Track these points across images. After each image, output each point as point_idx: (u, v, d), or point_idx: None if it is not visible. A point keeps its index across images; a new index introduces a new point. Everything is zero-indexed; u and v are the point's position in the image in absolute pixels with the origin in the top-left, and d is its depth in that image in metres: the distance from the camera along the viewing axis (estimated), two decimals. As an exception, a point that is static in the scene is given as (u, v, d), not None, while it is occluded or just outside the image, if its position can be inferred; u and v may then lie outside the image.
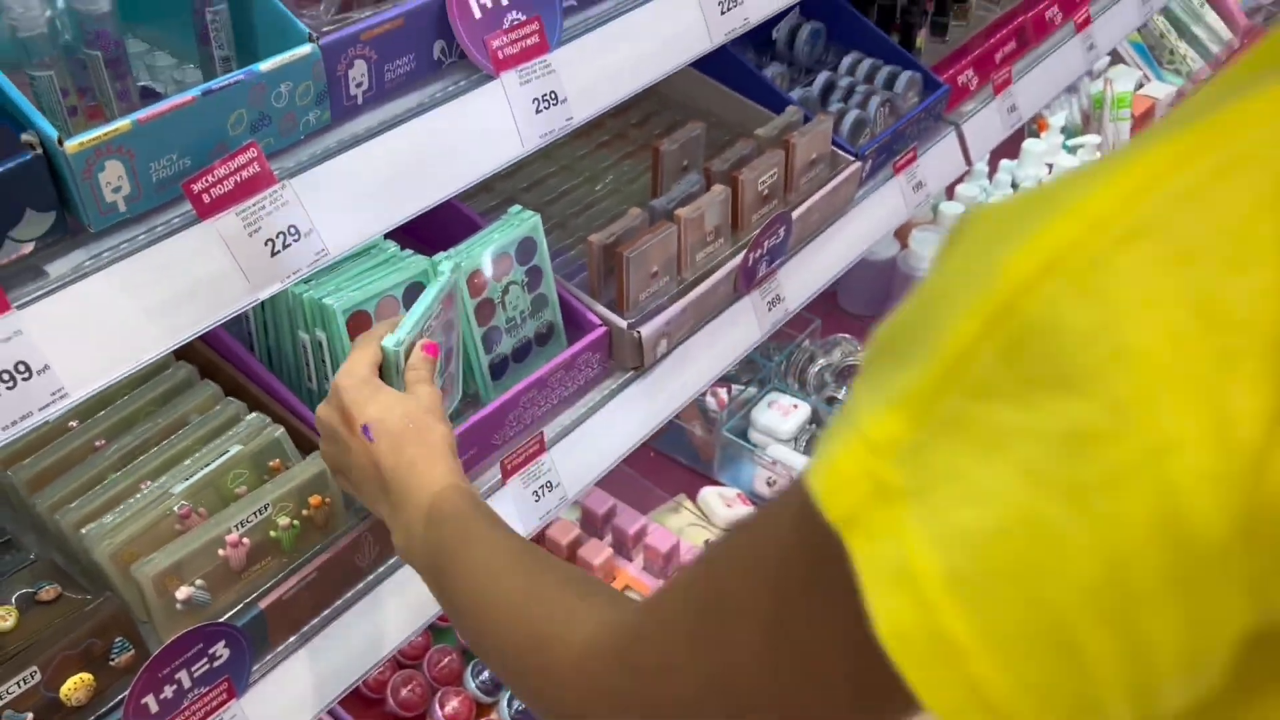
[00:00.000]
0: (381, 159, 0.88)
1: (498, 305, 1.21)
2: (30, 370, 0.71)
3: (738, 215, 1.41)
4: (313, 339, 1.12)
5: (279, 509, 1.02)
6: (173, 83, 0.89)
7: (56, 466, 1.06)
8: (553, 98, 0.97)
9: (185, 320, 0.78)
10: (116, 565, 0.97)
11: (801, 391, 1.79)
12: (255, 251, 0.80)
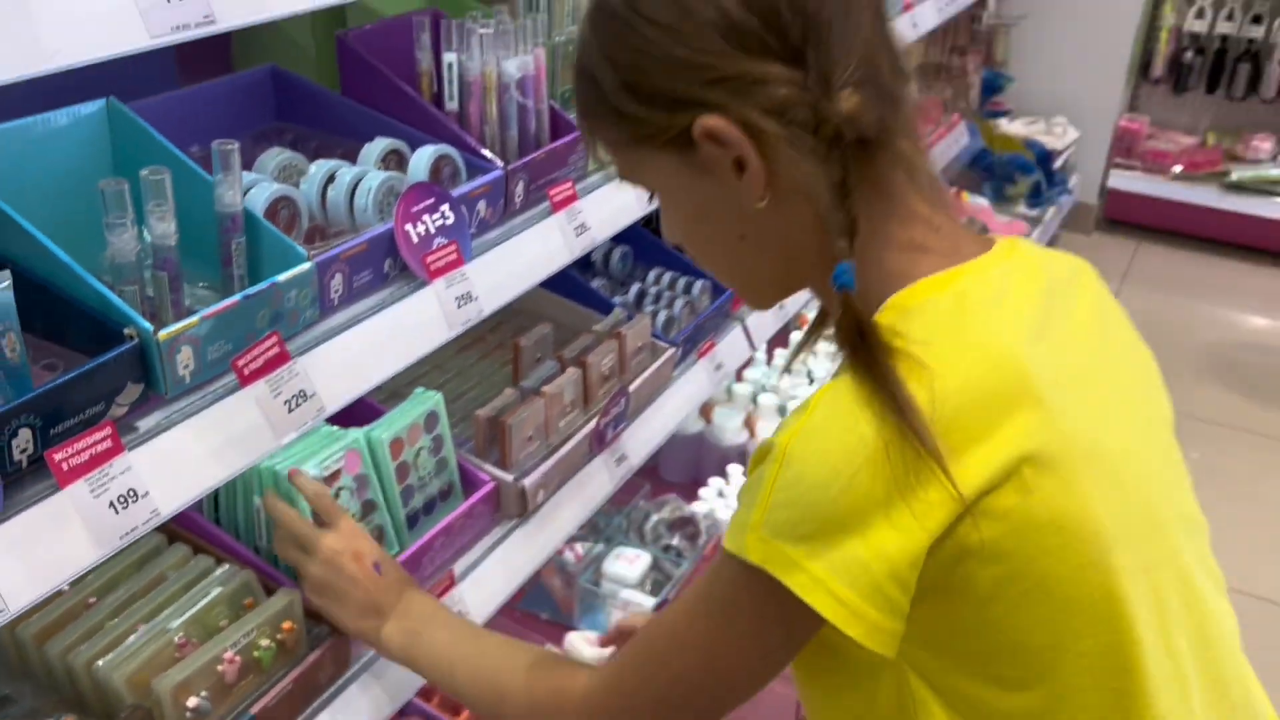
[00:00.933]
0: (355, 343, 1.20)
1: (411, 467, 1.51)
2: (136, 496, 0.97)
3: (587, 391, 1.77)
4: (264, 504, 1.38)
5: (260, 633, 1.26)
6: (191, 296, 1.19)
7: (58, 622, 1.25)
8: (469, 296, 1.33)
9: (234, 459, 1.05)
10: (132, 687, 1.18)
11: (641, 543, 2.13)
12: (278, 408, 1.10)
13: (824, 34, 0.82)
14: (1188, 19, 5.04)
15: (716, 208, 0.90)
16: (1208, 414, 3.77)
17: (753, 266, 0.95)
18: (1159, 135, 5.25)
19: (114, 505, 0.96)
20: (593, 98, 0.90)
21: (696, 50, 0.83)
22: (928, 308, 0.85)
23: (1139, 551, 0.86)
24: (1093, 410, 0.88)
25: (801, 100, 0.82)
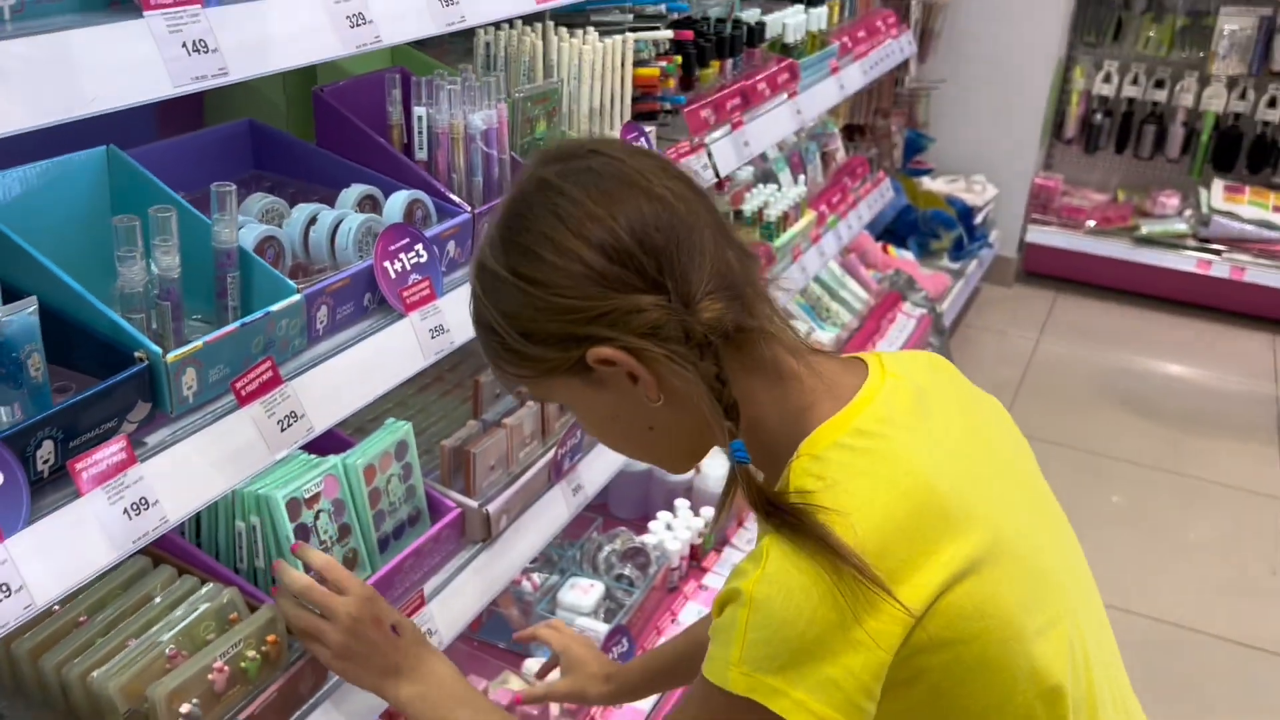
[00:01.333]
0: (339, 369, 1.30)
1: (383, 492, 1.60)
2: (147, 504, 1.06)
3: (545, 424, 1.88)
4: (248, 525, 1.46)
5: (246, 644, 1.33)
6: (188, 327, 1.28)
7: (51, 638, 1.32)
8: (441, 328, 1.43)
9: (234, 472, 1.14)
10: (126, 697, 1.25)
11: (595, 573, 2.22)
12: (272, 427, 1.19)
13: (675, 263, 0.96)
14: (1096, 83, 5.36)
15: (622, 411, 1.04)
16: (1127, 455, 3.97)
17: (665, 448, 1.09)
18: (1073, 192, 5.54)
19: (128, 512, 1.04)
20: (496, 345, 1.03)
21: (574, 297, 0.96)
22: (833, 453, 0.98)
23: (1044, 611, 1.00)
24: (990, 499, 1.02)
25: (669, 319, 0.96)
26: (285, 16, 1.12)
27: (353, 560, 1.54)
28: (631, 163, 1.00)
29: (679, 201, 0.98)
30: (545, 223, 0.97)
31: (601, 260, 0.95)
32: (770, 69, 2.51)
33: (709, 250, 0.98)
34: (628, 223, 0.95)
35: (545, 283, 0.96)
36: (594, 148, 1.02)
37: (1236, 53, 5.05)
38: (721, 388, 0.97)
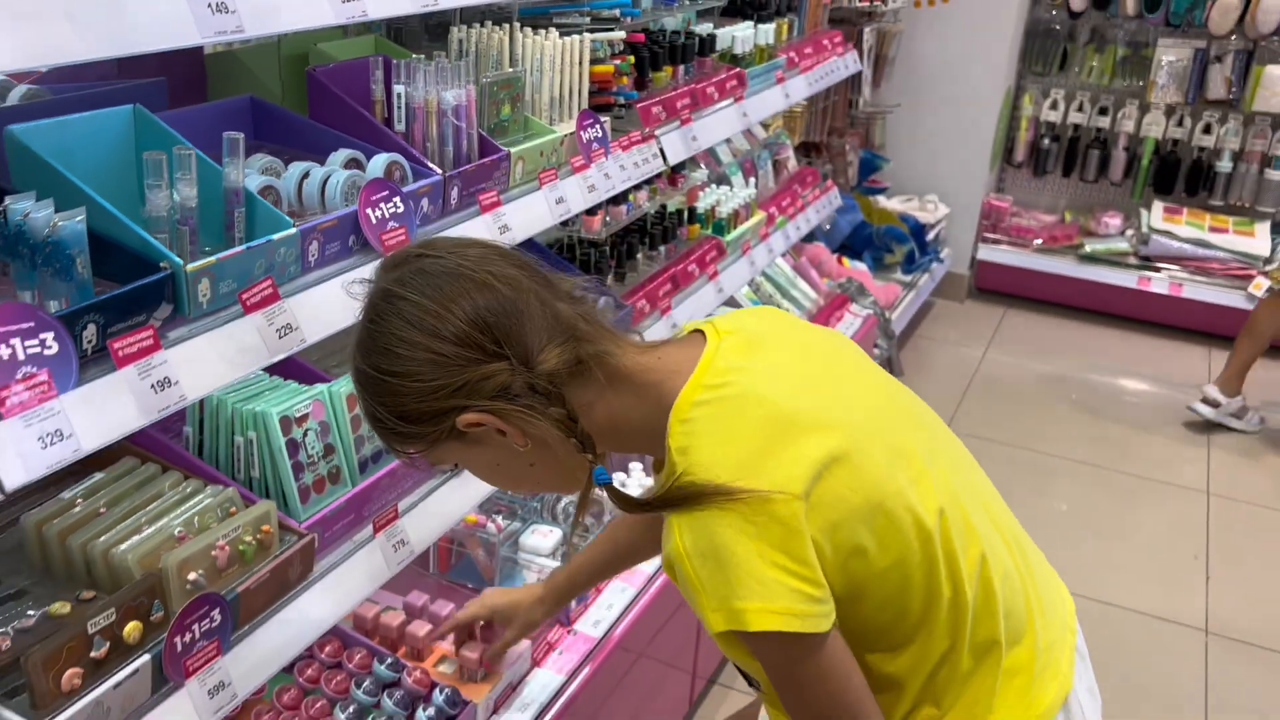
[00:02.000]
0: (327, 294, 1.53)
1: (362, 420, 1.83)
2: (170, 383, 1.29)
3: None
4: (246, 439, 1.69)
5: (245, 530, 1.56)
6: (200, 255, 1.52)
7: (76, 524, 1.54)
8: (415, 269, 1.67)
9: (241, 366, 1.37)
10: (142, 567, 1.47)
11: (554, 521, 2.45)
12: (271, 334, 1.42)
13: (509, 334, 1.15)
14: (1044, 110, 5.67)
15: (502, 459, 1.22)
16: (1068, 455, 4.23)
17: (551, 478, 1.26)
18: (1022, 213, 5.83)
19: (154, 387, 1.27)
20: (385, 430, 1.22)
21: (431, 380, 1.14)
22: (695, 411, 1.18)
23: (907, 470, 1.21)
24: (836, 402, 1.22)
25: (514, 379, 1.15)
26: (290, -10, 1.37)
27: (336, 475, 1.76)
28: (455, 257, 1.18)
29: (502, 282, 1.16)
30: (394, 325, 1.15)
31: (446, 345, 1.13)
32: (719, 75, 2.77)
33: (536, 312, 1.17)
34: (461, 311, 1.14)
35: (405, 373, 1.15)
36: (421, 250, 1.20)
37: (1174, 82, 5.37)
38: (574, 424, 1.17)
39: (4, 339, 1.13)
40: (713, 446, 1.15)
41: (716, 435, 1.16)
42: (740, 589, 1.10)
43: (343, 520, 1.72)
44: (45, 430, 1.15)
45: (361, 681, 1.90)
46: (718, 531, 1.10)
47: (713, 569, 1.11)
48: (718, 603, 1.11)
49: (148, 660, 1.38)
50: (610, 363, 1.21)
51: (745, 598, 1.10)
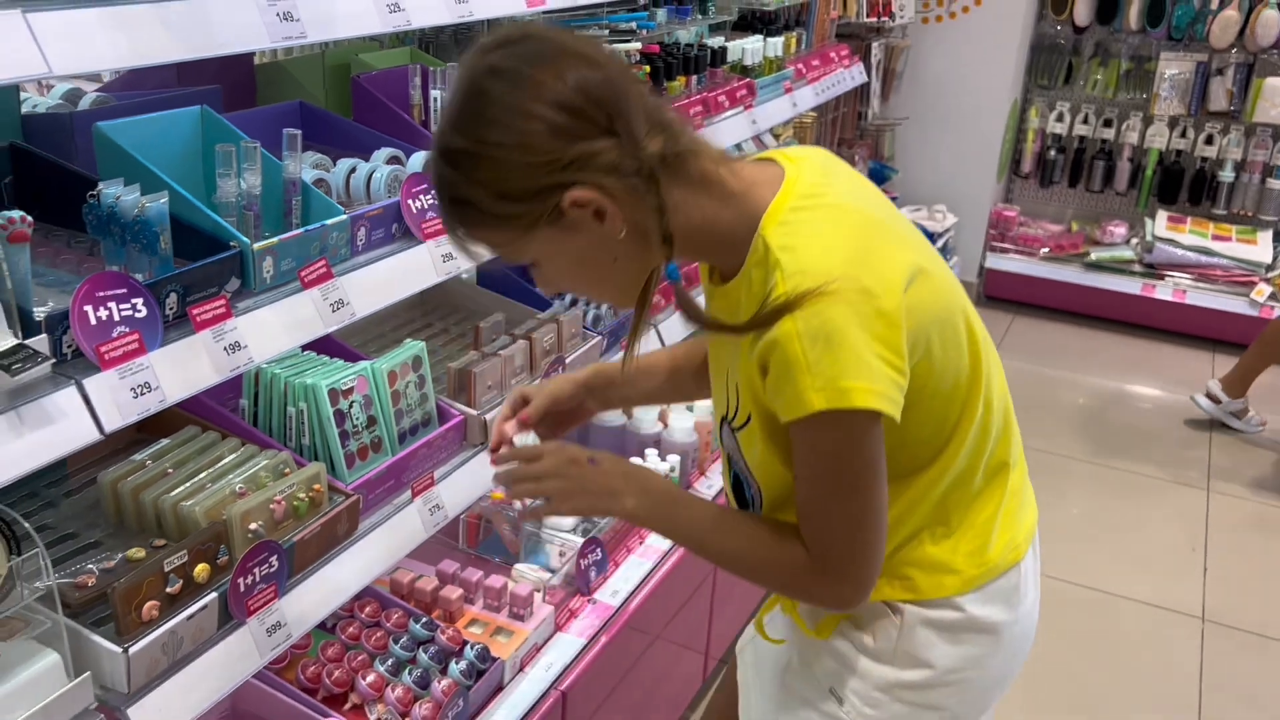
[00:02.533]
0: (375, 274, 1.70)
1: (402, 395, 2.00)
2: (240, 346, 1.46)
3: (533, 359, 2.28)
4: (297, 410, 1.86)
5: (298, 488, 1.73)
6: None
7: (148, 482, 1.71)
8: (450, 255, 1.84)
9: (299, 335, 1.54)
10: (208, 517, 1.64)
11: (574, 501, 2.61)
12: (326, 308, 1.59)
13: (619, 111, 1.14)
14: (1050, 122, 5.82)
15: (590, 250, 1.20)
16: (1075, 454, 4.36)
17: (625, 279, 1.24)
18: (1029, 222, 5.98)
19: (226, 350, 1.44)
20: (472, 216, 1.18)
21: (540, 151, 1.12)
22: (791, 215, 1.20)
23: (959, 303, 1.29)
24: (904, 230, 1.27)
25: (623, 158, 1.14)
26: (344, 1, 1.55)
27: (378, 444, 1.93)
28: (559, 36, 1.17)
29: (608, 60, 1.16)
30: (505, 95, 1.11)
31: (560, 116, 1.11)
32: (730, 85, 2.95)
33: (641, 98, 1.17)
34: (575, 82, 1.12)
35: (516, 144, 1.11)
36: (523, 32, 1.17)
37: (1177, 95, 5.52)
38: (661, 217, 1.17)
39: (103, 302, 1.30)
40: (818, 244, 1.17)
41: (820, 235, 1.18)
42: (849, 369, 1.12)
43: (384, 485, 1.88)
44: (136, 382, 1.32)
45: (399, 638, 2.06)
46: (831, 317, 1.12)
47: (823, 350, 1.12)
48: (824, 382, 1.12)
49: (215, 598, 1.55)
50: (698, 164, 1.20)
51: (854, 377, 1.12)
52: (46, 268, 1.54)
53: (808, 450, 1.21)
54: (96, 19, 1.21)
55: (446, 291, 2.54)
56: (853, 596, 1.28)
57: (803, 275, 1.14)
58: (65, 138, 1.78)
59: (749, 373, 1.23)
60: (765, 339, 1.16)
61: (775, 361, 1.16)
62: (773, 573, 1.32)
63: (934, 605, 1.38)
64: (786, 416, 1.17)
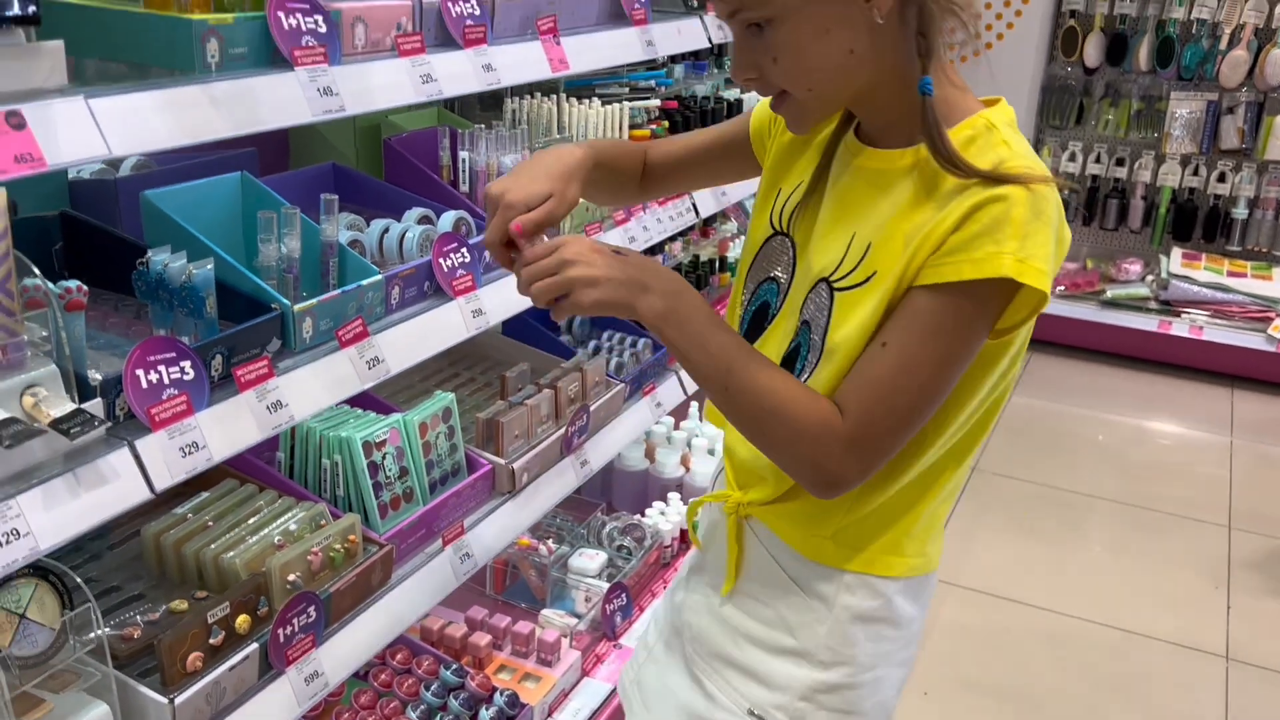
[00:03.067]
0: (408, 332, 1.77)
1: (433, 446, 2.06)
2: (282, 405, 1.52)
3: (558, 408, 2.33)
4: (332, 462, 1.91)
5: (334, 540, 1.78)
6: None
7: (189, 534, 1.76)
8: (480, 311, 1.91)
9: (337, 392, 1.60)
10: (248, 569, 1.69)
11: (599, 546, 2.66)
12: (362, 366, 1.66)
13: None
14: (1063, 162, 5.88)
15: (838, 23, 1.14)
16: (1095, 492, 4.38)
17: (845, 78, 1.18)
18: (1044, 261, 6.02)
19: (269, 409, 1.50)
20: None
21: None
22: (1012, 133, 1.19)
23: None
24: None
25: None
26: (380, 73, 1.62)
27: (410, 494, 1.99)
28: None
29: None
30: None
31: None
32: (747, 136, 3.02)
33: None
34: None
35: None
36: None
37: (1188, 134, 5.57)
38: (928, 29, 1.15)
39: (153, 366, 1.37)
40: (1035, 159, 1.17)
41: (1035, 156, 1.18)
42: (1046, 254, 1.13)
43: (416, 534, 1.94)
44: (185, 442, 1.38)
45: (430, 685, 2.10)
46: (1051, 206, 1.14)
47: (1036, 227, 1.12)
48: (1025, 254, 1.11)
49: (255, 648, 1.60)
50: (945, 28, 1.19)
51: (1044, 261, 1.12)
52: (97, 331, 1.60)
53: (928, 316, 1.16)
54: (151, 101, 1.28)
55: (474, 342, 2.61)
56: (856, 476, 1.22)
57: (1031, 167, 1.15)
58: (110, 202, 1.86)
59: (912, 226, 1.18)
60: (987, 193, 1.12)
61: (989, 217, 1.12)
62: (793, 421, 1.19)
63: (864, 587, 1.35)
64: (958, 276, 1.13)
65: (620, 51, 2.22)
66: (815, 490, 1.23)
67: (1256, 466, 4.60)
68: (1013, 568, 3.73)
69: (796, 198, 1.37)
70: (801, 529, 1.35)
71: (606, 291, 1.20)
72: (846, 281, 1.23)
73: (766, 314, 1.37)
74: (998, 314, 1.16)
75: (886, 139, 1.26)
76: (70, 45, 1.27)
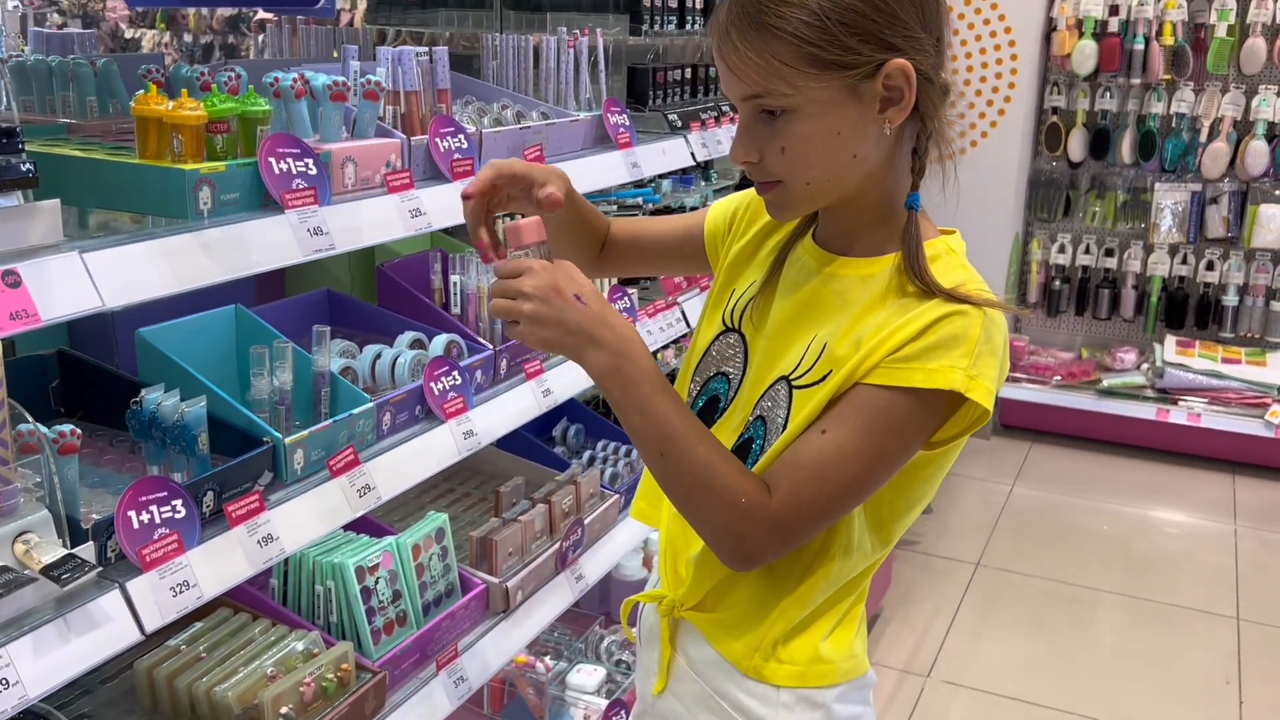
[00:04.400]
0: (399, 458, 1.79)
1: (426, 567, 2.06)
2: (273, 539, 1.53)
3: (553, 523, 2.34)
4: (325, 588, 1.92)
5: (326, 669, 1.77)
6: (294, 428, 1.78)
7: (182, 667, 1.76)
8: (471, 432, 1.93)
9: (328, 523, 1.62)
10: (241, 702, 1.68)
11: (597, 660, 2.64)
12: (353, 495, 1.67)
13: (943, 18, 1.20)
14: (1052, 254, 5.95)
15: (850, 128, 1.18)
16: (1110, 587, 4.34)
17: (840, 177, 1.22)
18: (1040, 351, 6.06)
19: (260, 543, 1.52)
20: (816, 31, 1.13)
21: (901, 13, 1.15)
22: (960, 262, 1.28)
23: None
24: None
25: (936, 65, 1.19)
26: (369, 211, 1.67)
27: (404, 618, 1.98)
28: None
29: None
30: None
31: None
32: (735, 245, 3.07)
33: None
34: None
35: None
36: None
37: (1175, 224, 5.65)
38: (926, 140, 1.23)
39: (145, 507, 1.39)
40: (982, 282, 1.24)
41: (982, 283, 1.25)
42: (992, 372, 1.18)
43: (410, 659, 1.93)
44: (175, 581, 1.39)
45: (427, 811, 2.07)
46: (999, 331, 1.19)
47: (987, 348, 1.17)
48: (975, 371, 1.16)
49: (248, 785, 1.59)
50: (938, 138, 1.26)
51: (989, 380, 1.17)
52: (92, 467, 1.63)
53: (872, 413, 1.19)
54: (144, 251, 1.32)
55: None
56: (773, 554, 1.24)
57: (985, 293, 1.22)
58: (106, 334, 1.90)
59: (866, 326, 1.22)
60: (949, 308, 1.18)
61: (947, 331, 1.17)
62: (723, 494, 1.20)
63: (801, 703, 1.34)
64: (909, 381, 1.17)
65: (606, 175, 2.28)
66: (731, 562, 1.25)
67: (1262, 554, 4.57)
68: (1021, 667, 3.69)
69: (749, 294, 1.40)
70: (731, 637, 1.36)
71: (553, 335, 1.21)
72: (805, 380, 1.27)
73: (716, 407, 1.40)
74: (938, 424, 1.20)
75: (854, 246, 1.30)
76: (68, 195, 1.32)
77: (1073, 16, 5.52)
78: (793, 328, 1.32)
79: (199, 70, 1.78)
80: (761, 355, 1.35)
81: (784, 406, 1.28)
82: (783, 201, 1.26)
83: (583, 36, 2.46)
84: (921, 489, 1.30)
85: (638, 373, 1.21)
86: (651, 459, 1.24)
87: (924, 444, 1.22)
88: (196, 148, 1.49)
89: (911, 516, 1.34)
